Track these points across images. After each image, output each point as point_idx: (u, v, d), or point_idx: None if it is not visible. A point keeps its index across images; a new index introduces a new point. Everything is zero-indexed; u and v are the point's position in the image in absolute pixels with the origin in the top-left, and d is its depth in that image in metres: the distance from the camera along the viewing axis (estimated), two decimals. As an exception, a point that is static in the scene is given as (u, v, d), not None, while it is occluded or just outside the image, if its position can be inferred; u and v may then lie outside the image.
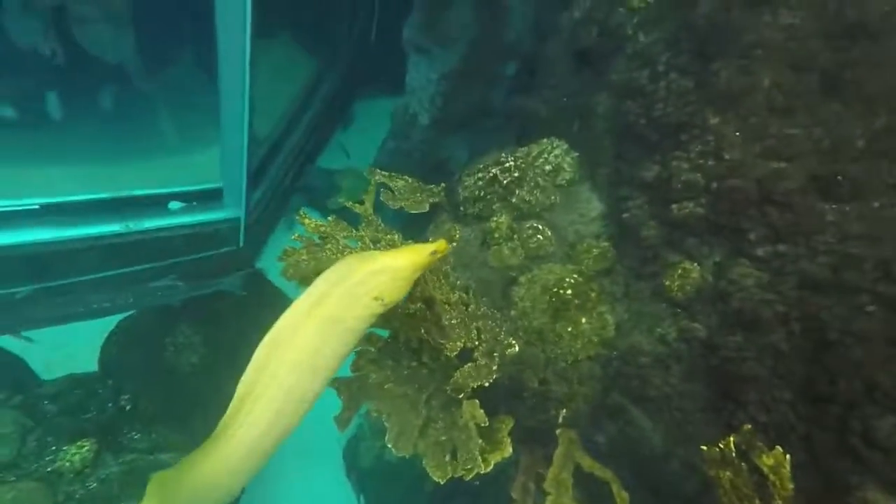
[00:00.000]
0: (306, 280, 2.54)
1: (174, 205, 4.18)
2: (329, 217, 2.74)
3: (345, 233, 2.66)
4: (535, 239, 2.51)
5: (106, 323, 3.34)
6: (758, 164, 1.97)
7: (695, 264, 2.12)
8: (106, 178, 3.79)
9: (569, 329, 2.18)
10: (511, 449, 1.89)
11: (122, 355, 2.99)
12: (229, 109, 3.74)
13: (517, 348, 2.09)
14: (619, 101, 2.51)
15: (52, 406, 2.57)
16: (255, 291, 3.54)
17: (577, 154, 2.72)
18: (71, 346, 3.36)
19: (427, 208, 2.76)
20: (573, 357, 2.17)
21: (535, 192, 2.61)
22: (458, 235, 2.55)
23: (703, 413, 1.85)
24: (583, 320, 2.18)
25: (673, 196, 2.20)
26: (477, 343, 2.08)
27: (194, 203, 4.20)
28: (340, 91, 5.43)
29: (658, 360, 2.02)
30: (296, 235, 2.65)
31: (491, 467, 1.84)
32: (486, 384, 1.94)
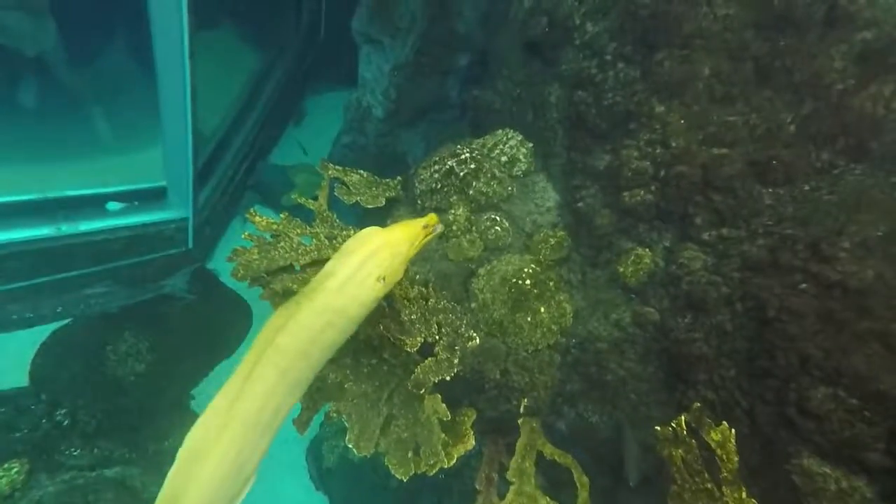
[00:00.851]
0: (257, 280, 2.44)
1: (113, 205, 3.92)
2: (282, 214, 2.64)
3: (298, 230, 2.57)
4: (493, 230, 2.51)
5: (36, 333, 3.08)
6: (702, 151, 2.04)
7: (646, 250, 2.18)
8: (33, 179, 3.50)
9: (528, 319, 2.19)
10: (474, 441, 1.89)
11: (58, 367, 2.77)
12: (170, 104, 3.53)
13: (478, 340, 2.08)
14: (571, 92, 2.54)
15: (-25, 427, 2.36)
16: (206, 293, 3.37)
17: (532, 144, 2.73)
18: (-7, 360, 3.09)
19: (383, 202, 2.71)
20: (533, 346, 2.19)
21: (492, 184, 2.61)
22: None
23: (657, 394, 1.91)
24: (542, 310, 2.20)
25: (624, 184, 2.25)
26: (437, 337, 2.05)
27: (135, 203, 3.96)
28: (291, 85, 5.24)
29: (614, 346, 2.07)
30: (246, 234, 2.54)
31: (454, 461, 1.83)
32: (448, 378, 1.92)
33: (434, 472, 1.83)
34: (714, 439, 1.50)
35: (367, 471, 3.37)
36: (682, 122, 2.10)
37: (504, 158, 2.70)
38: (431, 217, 1.55)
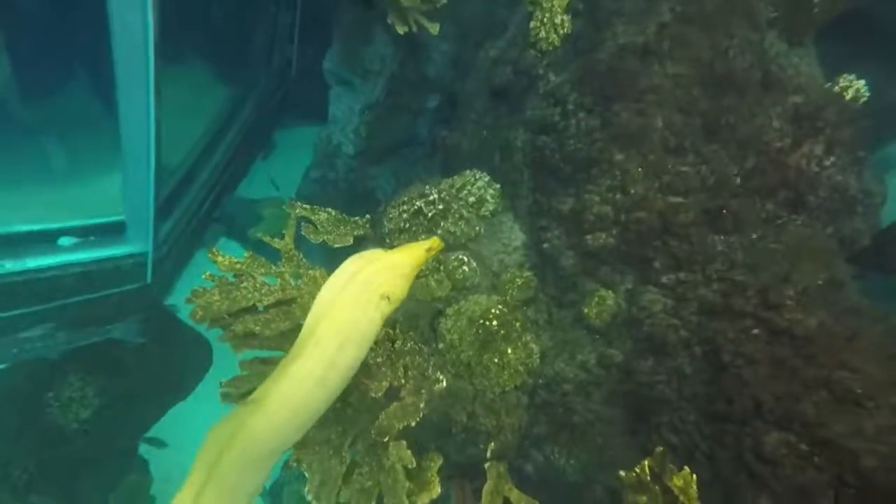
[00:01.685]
0: (218, 322, 2.36)
1: (66, 240, 3.75)
2: (245, 253, 2.59)
3: (262, 269, 2.52)
4: (461, 270, 2.52)
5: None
6: (658, 199, 2.14)
7: (609, 292, 2.24)
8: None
9: (495, 360, 2.19)
10: (439, 489, 1.84)
11: (-10, 417, 2.56)
12: (132, 138, 3.46)
13: (445, 383, 2.06)
14: (535, 136, 2.64)
15: None
16: (162, 333, 3.22)
17: (499, 185, 2.80)
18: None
19: (351, 241, 2.70)
20: (500, 388, 2.18)
21: (460, 224, 2.65)
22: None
23: (622, 437, 1.93)
24: (509, 351, 2.20)
25: (587, 227, 2.32)
26: (403, 381, 2.02)
27: (91, 238, 3.80)
28: (261, 119, 5.24)
29: (580, 387, 2.09)
30: (207, 274, 2.46)
31: (419, 512, 1.77)
32: (414, 424, 1.88)
33: (399, 525, 1.76)
34: (676, 484, 1.52)
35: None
36: (640, 171, 2.20)
37: (472, 199, 2.75)
38: (435, 240, 1.58)
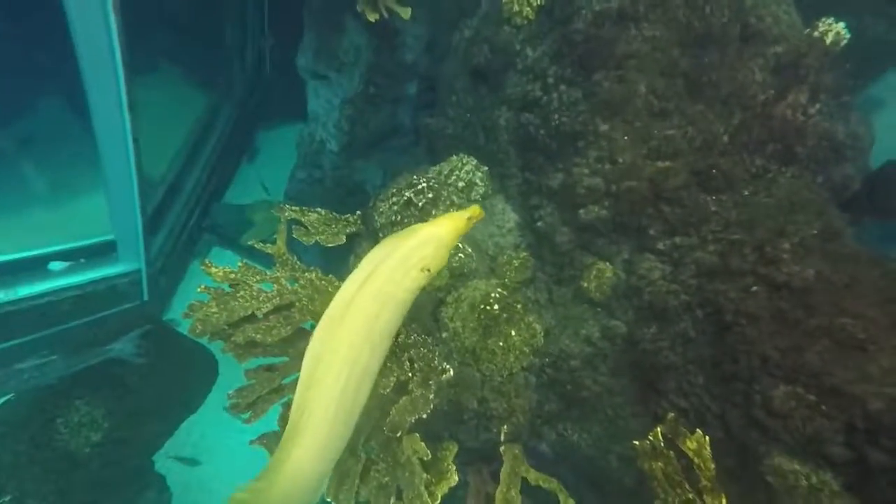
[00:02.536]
0: (218, 334, 2.34)
1: (56, 265, 3.71)
2: (239, 262, 2.56)
3: (257, 277, 2.50)
4: (457, 257, 2.51)
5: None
6: (647, 165, 2.12)
7: (607, 264, 2.24)
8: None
9: (500, 344, 2.19)
10: (457, 477, 1.85)
11: (-1, 450, 2.54)
12: (111, 154, 3.39)
13: (452, 372, 2.06)
14: (518, 114, 2.60)
15: None
16: (162, 349, 3.20)
17: (487, 168, 2.77)
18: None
19: (344, 240, 2.67)
20: (508, 371, 2.18)
21: (452, 210, 2.62)
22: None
23: (632, 406, 1.94)
24: (512, 333, 2.20)
25: (579, 201, 2.30)
26: (411, 374, 2.02)
27: (82, 260, 3.76)
28: (240, 123, 5.16)
29: (586, 361, 2.09)
30: (202, 287, 2.44)
31: (438, 500, 1.78)
32: (425, 416, 1.89)
33: (420, 515, 1.78)
34: (690, 448, 1.53)
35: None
36: (626, 139, 2.18)
37: (461, 184, 2.72)
38: (475, 209, 1.61)
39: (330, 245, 2.65)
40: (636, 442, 1.63)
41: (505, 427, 2.05)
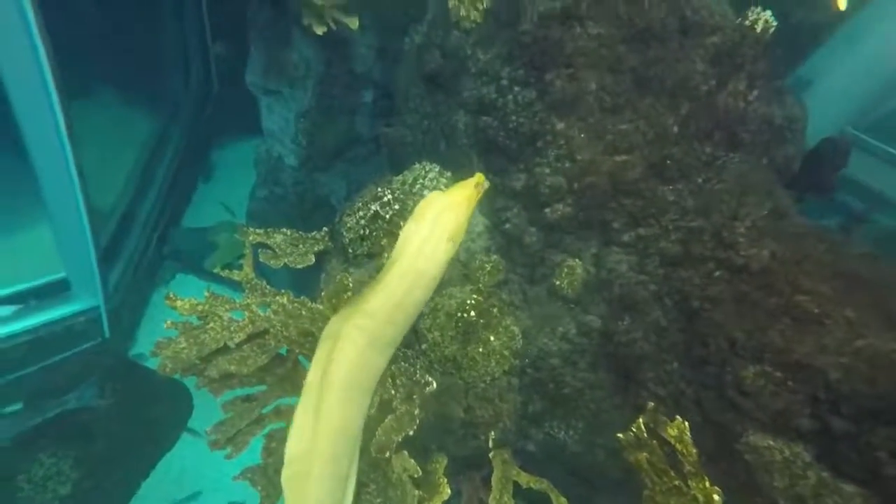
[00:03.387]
0: (190, 370, 2.26)
1: (4, 310, 3.49)
2: (206, 289, 2.47)
3: (227, 306, 2.42)
4: (429, 266, 2.50)
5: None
6: (605, 160, 2.17)
7: (577, 260, 2.28)
8: None
9: (480, 350, 2.20)
10: (449, 490, 1.86)
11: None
12: (55, 189, 3.22)
13: (435, 385, 2.06)
14: (476, 118, 2.60)
15: None
16: (130, 386, 3.07)
17: (451, 173, 2.77)
18: None
19: (313, 260, 2.62)
20: (490, 376, 2.20)
21: (419, 219, 2.61)
22: (351, 280, 2.45)
23: (613, 398, 1.99)
24: (491, 338, 2.22)
25: (543, 200, 2.33)
26: (393, 391, 2.01)
27: (32, 302, 3.55)
28: (192, 142, 4.97)
29: (566, 359, 2.13)
30: (169, 322, 2.34)
31: (434, 515, 1.79)
32: (412, 433, 1.88)
33: (416, 531, 1.78)
34: (671, 435, 1.58)
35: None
36: (583, 136, 2.22)
37: (426, 192, 2.70)
38: (479, 176, 1.66)
39: (299, 266, 2.59)
40: (620, 435, 1.68)
41: (492, 433, 2.07)
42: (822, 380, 1.49)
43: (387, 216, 2.59)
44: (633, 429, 1.61)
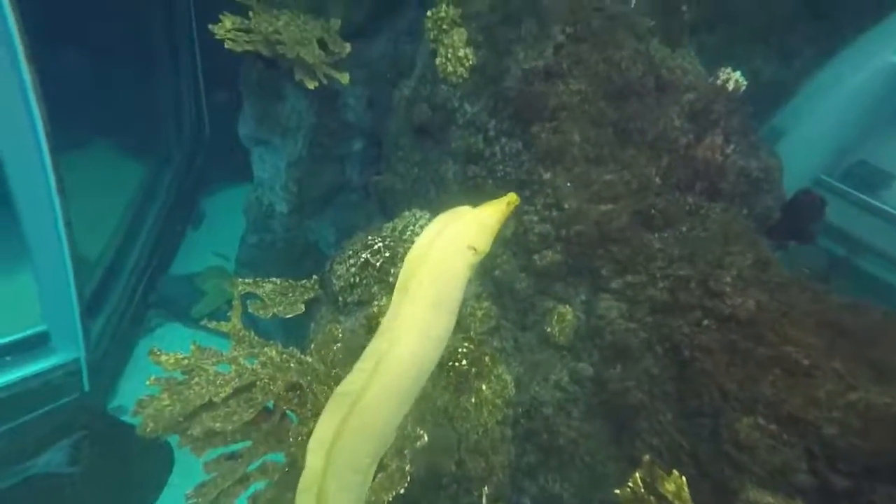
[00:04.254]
0: (172, 428, 2.18)
1: (-25, 369, 3.36)
2: (192, 345, 2.42)
3: (213, 359, 2.36)
4: (420, 314, 2.49)
5: None
6: (591, 209, 2.22)
7: (567, 306, 2.29)
8: None
9: (472, 400, 2.16)
10: (443, 552, 1.78)
11: None
12: (41, 243, 3.18)
13: (426, 438, 2.00)
14: (465, 166, 2.67)
15: None
16: (106, 446, 2.94)
17: (440, 220, 2.81)
18: None
19: (303, 309, 2.60)
20: (483, 427, 2.15)
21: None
22: (340, 331, 2.42)
23: (608, 449, 1.95)
24: (483, 388, 2.18)
25: (532, 247, 2.37)
26: (384, 447, 1.95)
27: (8, 358, 3.43)
28: (182, 190, 5.00)
29: (559, 407, 2.10)
30: (152, 379, 2.27)
31: (427, 581, 1.69)
32: (403, 491, 1.81)
33: None
34: (669, 490, 1.55)
35: None
36: (569, 185, 2.28)
37: (416, 239, 2.73)
38: (512, 196, 1.60)
39: (289, 316, 2.56)
40: (617, 490, 1.63)
41: (486, 489, 2.00)
42: (816, 434, 1.48)
43: (377, 264, 2.59)
44: (630, 484, 1.57)
